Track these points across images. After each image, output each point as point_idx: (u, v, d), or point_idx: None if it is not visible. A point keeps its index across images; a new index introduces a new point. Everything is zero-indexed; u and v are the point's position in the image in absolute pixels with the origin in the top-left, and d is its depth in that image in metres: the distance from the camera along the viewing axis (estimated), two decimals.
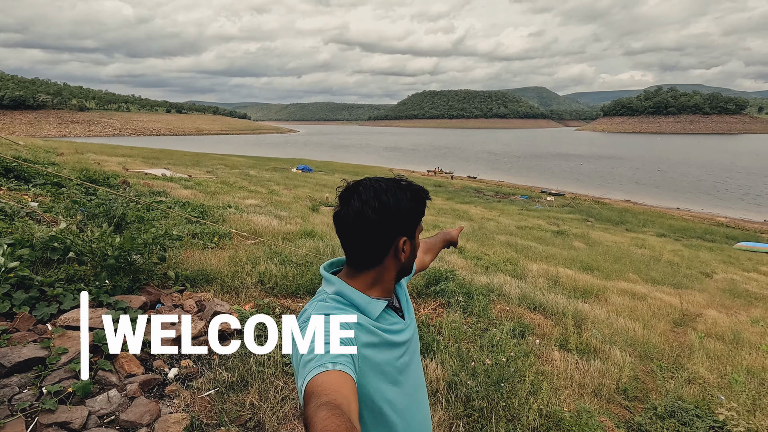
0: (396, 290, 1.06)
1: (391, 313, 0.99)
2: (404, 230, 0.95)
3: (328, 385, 0.67)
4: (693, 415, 2.82)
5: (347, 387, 0.69)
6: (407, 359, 0.99)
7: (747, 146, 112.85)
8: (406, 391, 0.96)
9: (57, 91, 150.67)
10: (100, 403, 2.04)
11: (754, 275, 12.95)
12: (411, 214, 0.95)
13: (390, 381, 0.92)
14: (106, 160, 19.59)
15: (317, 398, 0.64)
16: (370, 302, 0.93)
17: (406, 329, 1.00)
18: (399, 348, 0.96)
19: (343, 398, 0.65)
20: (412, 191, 0.96)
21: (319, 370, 0.71)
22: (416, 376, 1.03)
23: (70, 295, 2.69)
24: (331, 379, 0.69)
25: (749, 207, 32.67)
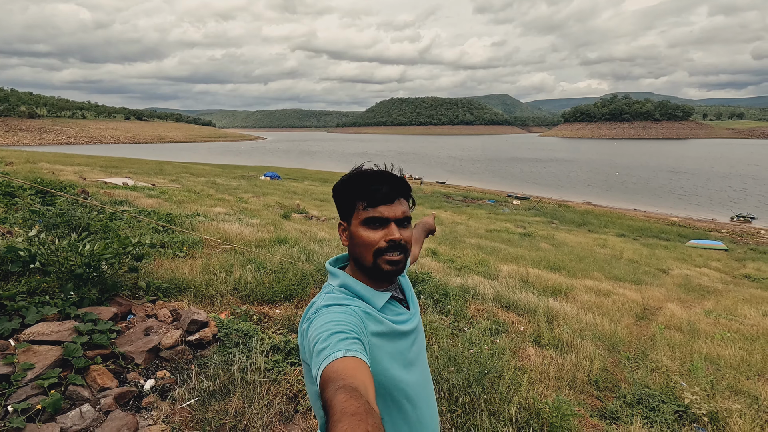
0: (400, 282, 1.07)
1: (395, 304, 1.00)
2: (342, 215, 0.99)
3: (344, 371, 0.68)
4: (659, 401, 2.99)
5: (362, 371, 0.69)
6: (417, 350, 1.00)
7: (695, 150, 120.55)
8: (417, 380, 0.97)
9: (4, 97, 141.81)
10: (73, 419, 1.94)
11: (705, 270, 13.82)
12: (342, 198, 0.97)
13: (401, 369, 0.93)
14: (61, 169, 18.58)
15: (334, 383, 0.65)
16: (374, 293, 0.95)
17: (411, 319, 1.01)
18: (407, 337, 0.96)
19: (360, 382, 0.66)
20: (350, 176, 0.96)
21: (333, 357, 0.71)
22: (424, 368, 1.03)
23: (34, 308, 2.54)
24: (347, 364, 0.70)
25: (699, 207, 34.83)
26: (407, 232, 0.96)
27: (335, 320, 0.82)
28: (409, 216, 0.97)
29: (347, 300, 0.92)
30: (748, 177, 53.87)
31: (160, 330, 2.70)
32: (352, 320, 0.84)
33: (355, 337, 0.79)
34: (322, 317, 0.84)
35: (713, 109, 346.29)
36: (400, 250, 0.94)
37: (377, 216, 0.93)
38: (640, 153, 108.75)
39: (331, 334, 0.77)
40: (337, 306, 0.88)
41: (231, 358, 2.50)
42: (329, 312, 0.86)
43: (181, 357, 2.55)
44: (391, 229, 0.93)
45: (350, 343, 0.75)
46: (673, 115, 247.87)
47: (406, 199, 1.00)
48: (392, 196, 0.94)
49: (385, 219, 0.93)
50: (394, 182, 0.96)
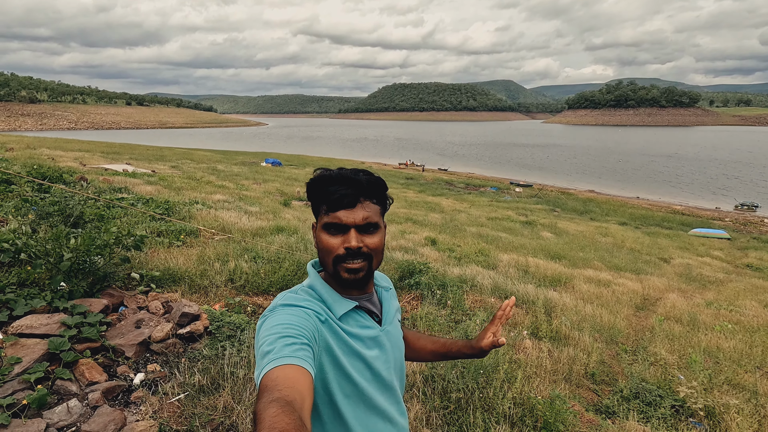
0: (380, 294, 1.01)
1: (363, 315, 0.93)
2: (314, 212, 0.94)
3: (283, 380, 0.65)
4: (656, 395, 2.96)
5: (302, 383, 0.66)
6: (375, 374, 0.90)
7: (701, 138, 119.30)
8: (370, 401, 0.89)
9: (4, 82, 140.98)
10: (59, 414, 1.92)
11: (707, 260, 13.76)
12: (311, 200, 0.93)
13: (351, 386, 0.86)
14: (61, 155, 18.51)
15: (269, 393, 0.63)
16: (337, 299, 0.90)
17: (378, 337, 0.93)
18: (363, 355, 0.88)
19: (297, 394, 0.64)
20: (313, 177, 0.91)
21: (276, 363, 0.68)
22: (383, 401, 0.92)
23: (23, 300, 2.51)
24: (287, 373, 0.67)
25: (703, 195, 34.61)
26: (372, 239, 0.88)
27: (286, 323, 0.78)
28: (374, 221, 0.88)
29: (306, 302, 0.87)
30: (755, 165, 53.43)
31: (151, 323, 2.67)
32: (304, 324, 0.79)
33: (304, 342, 0.75)
34: (275, 317, 0.80)
35: (720, 96, 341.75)
36: (361, 257, 0.87)
37: (336, 222, 0.87)
38: (644, 140, 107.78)
39: (278, 337, 0.74)
40: (292, 307, 0.84)
41: (222, 352, 2.47)
42: (283, 312, 0.82)
43: (171, 350, 2.52)
44: (349, 236, 0.86)
45: (296, 350, 0.71)
46: (680, 101, 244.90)
47: (374, 201, 0.91)
48: (352, 199, 0.87)
49: (343, 225, 0.87)
50: (355, 184, 0.88)
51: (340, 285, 0.92)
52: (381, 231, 0.91)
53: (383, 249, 0.92)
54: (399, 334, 1.02)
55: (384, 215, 0.95)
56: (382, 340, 0.94)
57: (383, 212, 0.94)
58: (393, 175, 34.79)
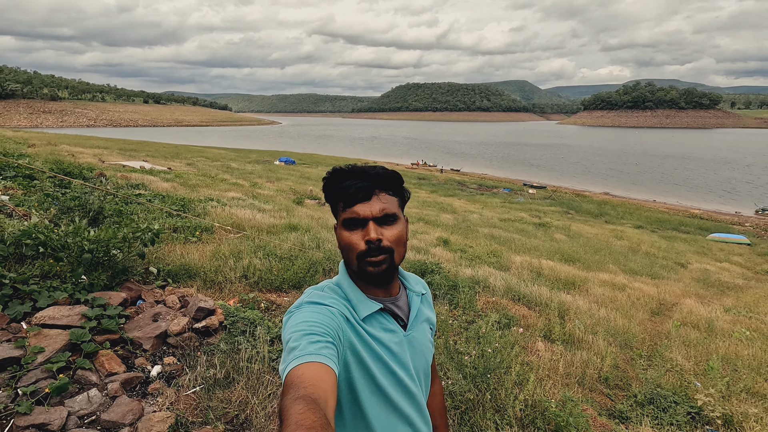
0: (409, 298, 0.99)
1: (388, 318, 0.92)
2: (333, 212, 0.93)
3: (308, 378, 0.66)
4: (671, 402, 2.91)
5: (327, 381, 0.67)
6: (403, 376, 0.90)
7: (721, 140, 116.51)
8: (388, 416, 0.88)
9: (27, 80, 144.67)
10: (80, 403, 1.97)
11: (726, 265, 13.44)
12: (328, 200, 0.92)
13: (375, 387, 0.86)
14: (80, 151, 18.94)
15: (295, 390, 0.64)
16: (361, 300, 0.90)
17: (400, 342, 0.91)
18: (384, 358, 0.88)
19: (322, 392, 0.64)
20: (327, 175, 0.90)
21: (301, 360, 0.69)
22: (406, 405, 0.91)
23: (46, 292, 2.59)
24: (312, 371, 0.67)
25: (722, 199, 33.81)
26: (391, 231, 0.87)
27: (312, 320, 0.78)
28: (391, 212, 0.88)
29: (332, 300, 0.87)
30: None
31: (168, 316, 2.73)
32: (329, 322, 0.80)
33: (329, 341, 0.75)
34: (300, 314, 0.81)
35: (742, 98, 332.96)
36: (381, 251, 0.86)
37: (353, 217, 0.86)
38: (662, 142, 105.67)
39: (304, 334, 0.75)
40: (318, 305, 0.84)
41: (237, 346, 2.51)
42: (309, 310, 0.82)
43: (188, 344, 2.57)
44: (368, 228, 0.86)
45: (321, 347, 0.72)
46: (699, 103, 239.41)
47: (390, 192, 0.90)
48: (367, 192, 0.86)
49: (361, 219, 0.86)
50: (369, 176, 0.88)
51: (365, 282, 0.91)
52: (401, 222, 0.90)
53: (405, 242, 0.91)
54: (426, 341, 0.99)
55: (403, 209, 0.93)
56: (404, 345, 0.92)
57: (402, 205, 0.92)
58: (405, 175, 34.74)
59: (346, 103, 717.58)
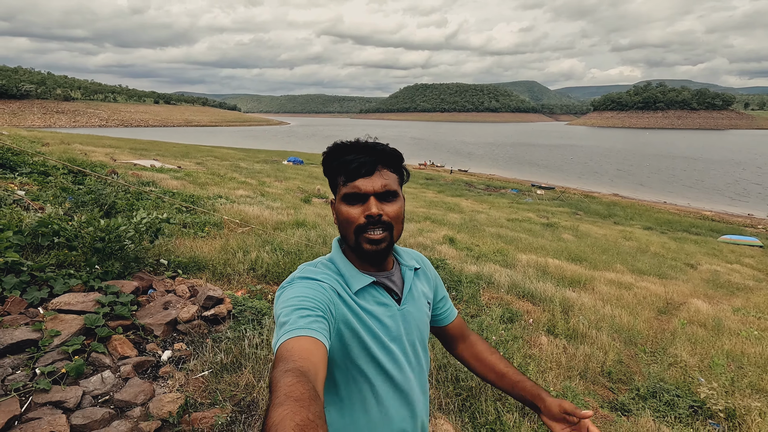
0: (403, 273, 0.99)
1: (382, 292, 0.92)
2: (331, 187, 0.93)
3: (297, 351, 0.67)
4: (674, 395, 2.93)
5: (317, 354, 0.68)
6: (395, 349, 0.91)
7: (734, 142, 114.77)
8: (389, 383, 0.90)
9: (41, 81, 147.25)
10: (94, 383, 2.05)
11: (737, 267, 13.27)
12: (327, 174, 0.92)
13: (369, 365, 0.87)
14: (92, 150, 19.27)
15: (285, 363, 0.64)
16: (354, 274, 0.90)
17: (393, 315, 0.92)
18: (375, 331, 0.88)
19: (311, 365, 0.65)
20: (328, 149, 0.91)
21: (292, 334, 0.70)
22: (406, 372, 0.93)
23: (61, 279, 2.68)
24: (302, 344, 0.68)
25: (734, 201, 33.33)
26: (391, 207, 0.88)
27: (302, 295, 0.79)
28: (393, 189, 0.88)
29: (324, 275, 0.88)
30: None
31: (178, 305, 2.81)
32: (320, 296, 0.80)
33: (319, 314, 0.76)
34: (291, 290, 0.82)
35: (756, 98, 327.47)
36: (382, 227, 0.87)
37: (355, 191, 0.87)
38: (673, 143, 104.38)
39: (294, 309, 0.75)
40: (309, 280, 0.85)
41: (244, 334, 2.58)
42: (300, 285, 0.83)
43: (197, 331, 2.65)
44: (369, 203, 0.86)
45: (311, 321, 0.73)
46: (712, 104, 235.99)
47: (392, 169, 0.91)
48: (370, 167, 0.87)
49: (363, 194, 0.87)
50: (373, 152, 0.88)
51: (360, 258, 0.92)
52: (400, 200, 0.91)
53: (403, 219, 0.92)
54: (422, 315, 0.99)
55: (402, 186, 0.94)
56: (397, 318, 0.92)
57: (401, 183, 0.94)
58: (412, 175, 34.61)
59: (355, 103, 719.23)
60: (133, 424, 1.86)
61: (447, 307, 1.11)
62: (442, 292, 1.11)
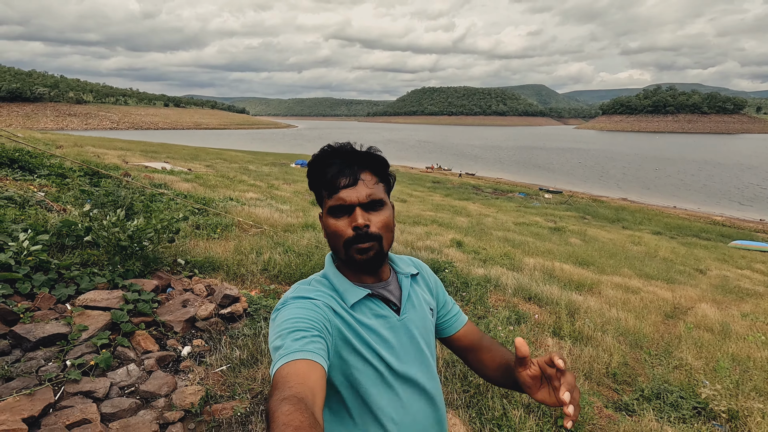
0: (399, 281, 0.95)
1: (379, 304, 0.89)
2: (318, 201, 0.90)
3: (293, 376, 0.65)
4: (678, 397, 2.98)
5: (313, 378, 0.66)
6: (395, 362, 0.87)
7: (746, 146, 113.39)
8: (393, 401, 0.86)
9: (54, 84, 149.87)
10: (121, 375, 2.17)
11: (747, 272, 13.15)
12: (312, 187, 0.89)
13: (372, 371, 0.85)
14: (105, 153, 19.62)
15: (281, 391, 0.63)
16: (349, 288, 0.88)
17: (393, 326, 0.89)
18: (372, 345, 0.85)
19: (308, 390, 0.63)
20: (311, 160, 0.87)
21: (287, 359, 0.68)
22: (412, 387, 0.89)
23: (87, 277, 2.81)
24: (298, 369, 0.66)
25: (746, 206, 32.95)
26: (378, 217, 0.85)
27: (296, 316, 0.77)
28: (378, 198, 0.85)
29: (317, 293, 0.85)
30: None
31: (196, 303, 2.92)
32: (314, 316, 0.78)
33: (315, 334, 0.74)
34: (285, 311, 0.79)
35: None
36: (369, 238, 0.84)
37: (340, 203, 0.84)
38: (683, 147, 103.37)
39: (289, 332, 0.73)
40: (302, 300, 0.82)
41: (259, 330, 2.69)
42: (293, 306, 0.80)
43: (214, 328, 2.76)
44: (354, 215, 0.83)
45: (306, 343, 0.71)
46: (723, 108, 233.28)
47: (377, 177, 0.87)
48: (353, 176, 0.84)
49: (348, 206, 0.83)
50: (354, 159, 0.85)
51: (354, 270, 0.89)
52: (388, 208, 0.87)
53: (393, 228, 0.89)
54: (424, 324, 0.95)
55: (389, 194, 0.91)
56: (397, 329, 0.89)
57: (388, 191, 0.90)
58: (419, 179, 34.85)
59: (362, 106, 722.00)
60: (158, 414, 1.97)
61: (453, 314, 1.05)
62: (444, 297, 1.05)
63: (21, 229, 3.11)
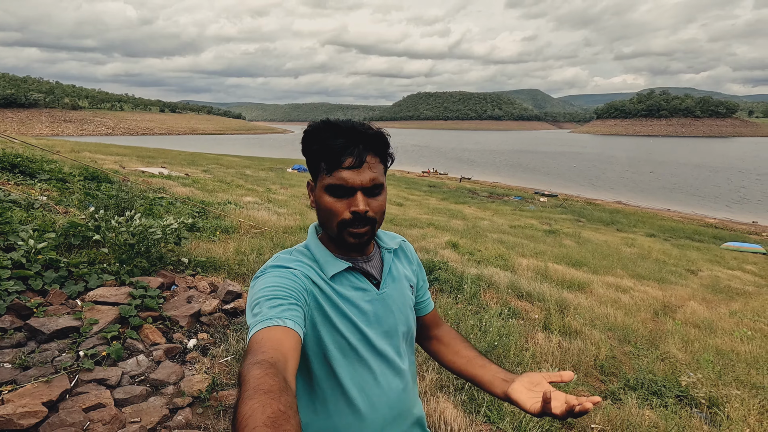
0: (382, 255, 0.95)
1: (359, 277, 0.89)
2: (310, 170, 0.88)
3: (267, 342, 0.66)
4: (661, 386, 3.12)
5: (287, 344, 0.67)
6: (372, 335, 0.87)
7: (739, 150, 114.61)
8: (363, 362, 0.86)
9: (49, 90, 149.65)
10: (131, 365, 2.29)
11: (738, 273, 13.36)
12: (308, 155, 0.87)
13: (344, 343, 0.85)
14: (102, 158, 19.69)
15: (254, 355, 0.63)
16: (329, 260, 0.87)
17: (372, 300, 0.89)
18: (351, 317, 0.85)
19: (281, 355, 0.64)
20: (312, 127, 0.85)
21: (262, 325, 0.69)
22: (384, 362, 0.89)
23: (95, 274, 2.93)
24: (273, 335, 0.67)
25: (739, 208, 33.34)
26: (377, 201, 0.85)
27: (274, 284, 0.77)
28: (380, 182, 0.84)
29: (297, 263, 0.85)
30: None
31: (200, 299, 3.05)
32: (292, 284, 0.78)
33: (292, 303, 0.74)
34: (264, 279, 0.80)
35: (761, 106, 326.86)
36: (366, 222, 0.84)
37: (341, 184, 0.81)
38: (677, 151, 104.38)
39: (266, 299, 0.74)
40: (281, 269, 0.82)
41: None
42: (271, 275, 0.81)
43: (218, 322, 2.89)
44: (356, 199, 0.82)
45: (282, 310, 0.72)
46: (716, 111, 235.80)
47: (380, 158, 0.86)
48: (359, 158, 0.81)
49: (350, 188, 0.82)
50: (362, 138, 0.82)
51: (344, 248, 0.89)
52: (385, 191, 0.87)
53: (385, 210, 0.88)
54: (403, 299, 0.95)
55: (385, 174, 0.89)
56: (375, 303, 0.89)
57: (385, 171, 0.88)
58: (416, 183, 35.08)
59: (359, 111, 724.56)
60: (168, 399, 2.09)
61: (426, 297, 1.08)
62: (423, 278, 1.07)
63: (31, 230, 3.22)
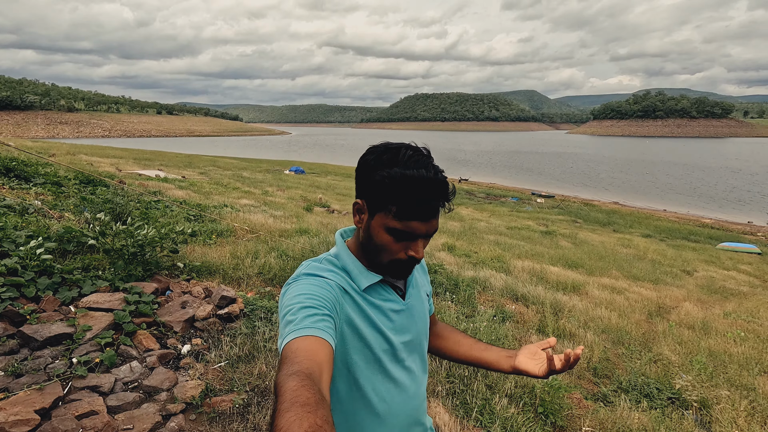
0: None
1: (387, 290, 0.92)
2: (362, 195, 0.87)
3: (303, 352, 0.66)
4: (654, 388, 3.15)
5: (322, 354, 0.67)
6: (399, 345, 0.90)
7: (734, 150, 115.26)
8: (388, 375, 0.89)
9: (45, 92, 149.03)
10: (124, 371, 2.29)
11: (733, 273, 13.44)
12: (373, 187, 0.83)
13: (371, 355, 0.86)
14: (98, 161, 19.63)
15: (290, 365, 0.63)
16: (362, 271, 0.89)
17: (400, 311, 0.92)
18: (381, 328, 0.87)
19: (316, 366, 0.64)
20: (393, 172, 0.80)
21: (296, 334, 0.69)
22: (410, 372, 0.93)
23: (89, 281, 2.93)
24: (307, 345, 0.67)
25: (734, 208, 33.53)
26: (427, 244, 0.87)
27: (309, 293, 0.78)
28: (436, 229, 0.86)
29: (329, 272, 0.86)
30: None
31: (195, 304, 3.05)
32: (326, 294, 0.79)
33: (326, 313, 0.75)
34: (298, 287, 0.81)
35: (755, 107, 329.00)
36: (415, 264, 0.87)
37: (408, 231, 0.82)
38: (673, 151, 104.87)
39: (301, 307, 0.74)
40: (315, 277, 0.83)
41: (256, 329, 2.82)
42: (305, 282, 0.81)
43: (212, 327, 2.89)
44: (417, 245, 0.84)
45: (317, 320, 0.72)
46: (711, 112, 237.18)
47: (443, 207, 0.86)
48: (435, 214, 0.83)
49: (415, 235, 0.83)
50: (445, 194, 0.82)
51: (382, 273, 0.90)
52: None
53: None
54: (423, 309, 1.00)
55: None
56: (403, 315, 0.92)
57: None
58: None
59: (356, 113, 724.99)
60: (161, 406, 2.10)
61: (431, 302, 1.13)
62: (430, 286, 1.13)
63: (25, 236, 3.22)
